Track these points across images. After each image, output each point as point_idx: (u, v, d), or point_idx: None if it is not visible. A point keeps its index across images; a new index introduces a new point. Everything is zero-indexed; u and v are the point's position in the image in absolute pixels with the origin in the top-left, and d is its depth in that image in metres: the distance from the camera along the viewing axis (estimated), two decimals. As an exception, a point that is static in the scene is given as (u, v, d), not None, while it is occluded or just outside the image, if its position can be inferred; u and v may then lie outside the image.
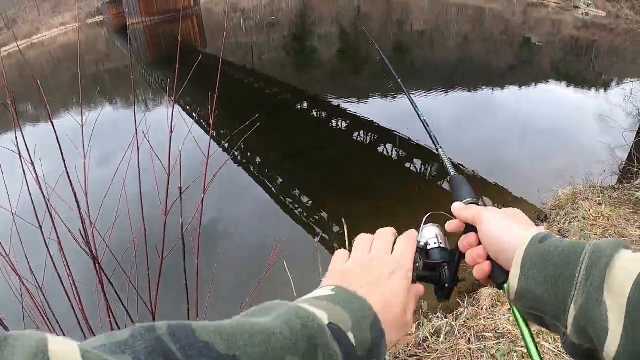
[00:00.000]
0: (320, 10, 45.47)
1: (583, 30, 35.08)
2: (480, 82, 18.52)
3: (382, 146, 11.10)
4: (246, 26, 36.93)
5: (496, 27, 36.24)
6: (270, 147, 10.84)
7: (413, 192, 8.59)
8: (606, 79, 20.34)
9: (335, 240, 6.96)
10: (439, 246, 0.92)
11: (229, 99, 15.12)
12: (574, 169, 7.37)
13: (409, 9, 45.68)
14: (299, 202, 8.58)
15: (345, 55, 25.07)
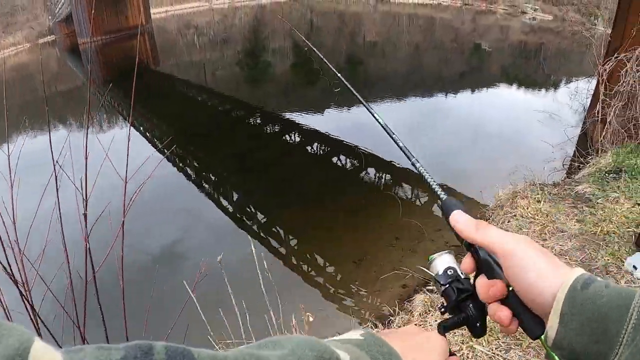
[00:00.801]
0: (273, 25, 45.51)
1: (531, 34, 36.02)
2: (433, 89, 18.49)
3: (336, 157, 11.07)
4: (200, 43, 36.64)
5: (446, 35, 36.68)
6: (224, 164, 10.71)
7: (369, 201, 8.57)
8: (555, 79, 20.81)
9: (293, 254, 6.90)
10: (456, 279, 0.80)
11: (181, 116, 14.93)
12: (522, 169, 7.47)
13: (361, 21, 46.10)
14: (253, 218, 8.47)
15: (299, 68, 25.09)
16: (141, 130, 13.58)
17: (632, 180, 5.01)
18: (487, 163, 9.57)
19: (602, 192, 4.79)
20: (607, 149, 6.29)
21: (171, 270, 6.14)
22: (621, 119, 6.44)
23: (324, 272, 6.01)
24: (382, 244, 6.15)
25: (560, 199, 4.76)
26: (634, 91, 6.37)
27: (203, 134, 12.50)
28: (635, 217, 4.25)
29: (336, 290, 5.55)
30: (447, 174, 8.77)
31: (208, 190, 9.47)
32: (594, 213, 4.41)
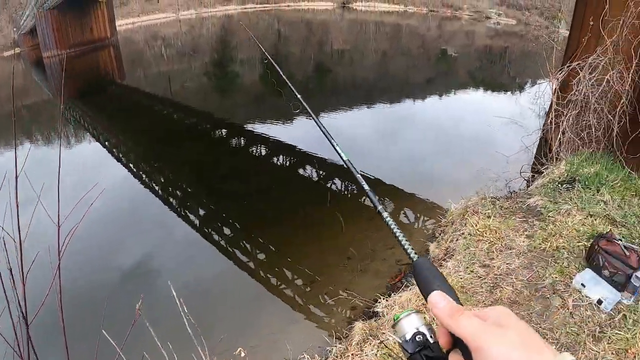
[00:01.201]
0: (240, 35, 45.42)
1: (496, 38, 36.60)
2: (401, 95, 18.59)
3: (303, 169, 10.99)
4: (167, 54, 36.27)
5: (413, 42, 37.01)
6: (189, 179, 10.58)
7: (335, 212, 8.51)
8: (520, 81, 21.09)
9: (261, 267, 6.80)
10: (425, 345, 0.73)
11: (147, 131, 14.66)
12: (480, 179, 7.51)
13: (328, 30, 46.24)
14: (221, 233, 8.35)
15: (268, 78, 24.95)
16: (107, 146, 13.35)
17: (585, 190, 5.03)
18: (449, 172, 9.59)
19: (554, 204, 4.78)
20: (562, 158, 6.33)
21: (127, 295, 5.96)
22: (575, 127, 6.49)
23: (281, 295, 5.90)
24: (335, 262, 6.05)
25: (511, 213, 4.73)
26: (586, 99, 6.42)
27: (168, 149, 12.24)
28: (587, 229, 4.25)
29: (284, 315, 5.42)
30: (409, 183, 8.78)
31: (174, 206, 9.33)
32: (544, 227, 4.38)
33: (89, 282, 6.26)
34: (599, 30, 6.53)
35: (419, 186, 8.64)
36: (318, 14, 57.50)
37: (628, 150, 6.05)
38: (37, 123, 18.24)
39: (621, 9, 6.05)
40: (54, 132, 15.50)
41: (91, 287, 6.16)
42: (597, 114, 6.25)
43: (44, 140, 15.30)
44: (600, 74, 6.28)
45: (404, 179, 9.08)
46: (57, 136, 14.70)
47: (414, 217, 7.56)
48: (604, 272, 3.69)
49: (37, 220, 2.71)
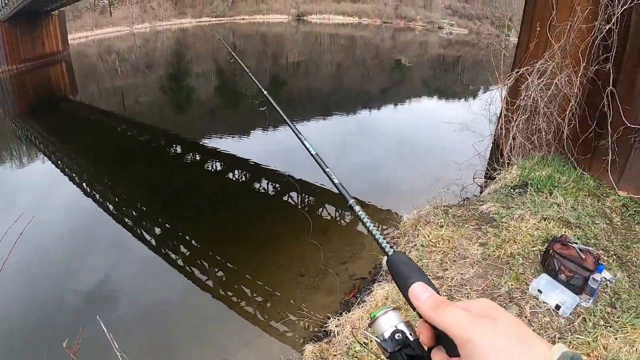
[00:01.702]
0: (195, 48, 45.03)
1: (448, 48, 37.35)
2: (356, 106, 18.71)
3: (259, 183, 10.82)
4: (121, 68, 35.56)
5: (367, 53, 37.35)
6: (143, 197, 10.25)
7: (295, 225, 8.33)
8: (473, 89, 21.49)
9: (220, 286, 6.55)
10: (405, 344, 0.69)
11: (100, 148, 14.20)
12: (433, 188, 7.50)
13: (283, 42, 46.35)
14: (178, 252, 8.06)
15: (223, 91, 24.79)
16: (59, 165, 12.78)
17: (538, 193, 4.99)
18: (404, 180, 9.58)
19: (507, 209, 4.71)
20: (513, 162, 6.32)
21: (69, 324, 5.61)
22: (526, 131, 6.51)
23: (234, 316, 5.66)
24: (288, 280, 5.85)
25: (464, 221, 4.63)
26: (536, 104, 6.45)
27: (121, 167, 11.90)
28: (541, 233, 4.18)
29: (238, 337, 5.17)
30: (365, 193, 8.70)
31: (129, 225, 9.00)
32: (498, 234, 4.29)
33: (26, 309, 5.89)
34: (547, 35, 6.61)
35: (374, 195, 8.57)
36: (273, 27, 57.68)
37: (579, 151, 6.13)
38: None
39: (568, 13, 6.13)
40: (4, 151, 14.87)
41: (31, 314, 5.80)
42: (546, 117, 6.29)
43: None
44: (548, 78, 6.33)
45: (359, 189, 8.99)
46: (7, 155, 14.22)
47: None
48: (561, 276, 3.62)
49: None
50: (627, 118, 5.50)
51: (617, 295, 3.73)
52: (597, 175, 5.92)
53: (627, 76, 5.59)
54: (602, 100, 5.75)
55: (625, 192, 5.66)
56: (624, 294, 3.75)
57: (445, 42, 40.85)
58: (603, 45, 5.73)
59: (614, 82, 5.64)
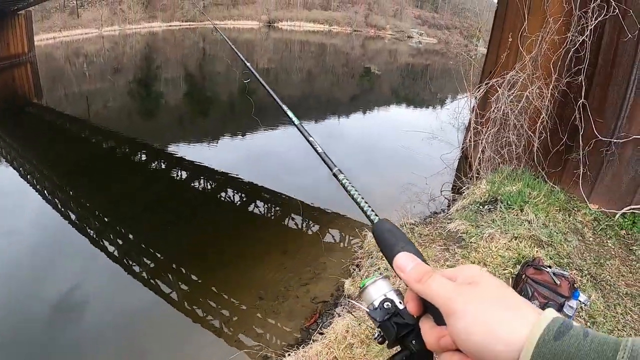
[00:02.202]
0: (165, 53, 44.48)
1: (417, 56, 37.69)
2: (326, 113, 18.67)
3: (225, 193, 10.55)
4: (89, 72, 34.78)
5: (337, 60, 37.44)
6: (106, 207, 9.89)
7: (263, 236, 8.06)
8: (441, 97, 21.62)
9: (185, 299, 6.22)
10: (394, 313, 0.68)
11: (62, 156, 13.71)
12: (399, 202, 7.33)
13: (253, 49, 46.14)
14: (142, 264, 7.73)
15: (193, 97, 24.46)
16: (21, 172, 12.33)
17: (508, 210, 4.77)
18: (371, 191, 9.37)
19: (476, 228, 4.46)
20: (482, 176, 6.10)
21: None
22: (495, 144, 6.32)
23: (191, 339, 5.32)
24: (246, 303, 5.53)
25: (431, 241, 4.37)
26: (506, 116, 6.27)
27: (85, 175, 11.52)
28: (512, 254, 3.94)
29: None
30: (332, 203, 8.50)
31: (92, 236, 8.64)
32: (467, 255, 4.02)
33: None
34: (518, 46, 6.46)
35: (342, 206, 8.37)
36: (244, 33, 57.44)
37: (549, 164, 6.00)
38: None
39: (540, 24, 5.99)
40: None
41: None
42: (517, 130, 6.11)
43: None
44: (519, 90, 6.16)
45: (324, 197, 8.80)
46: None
47: (340, 237, 7.29)
48: (534, 302, 3.38)
49: None
50: (599, 131, 5.39)
51: (592, 318, 3.56)
52: (567, 189, 5.81)
53: (599, 88, 5.49)
54: (573, 113, 5.64)
55: (596, 205, 5.55)
56: (599, 316, 3.58)
57: (415, 51, 41.25)
58: (575, 57, 5.62)
59: (585, 94, 5.54)
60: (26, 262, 7.08)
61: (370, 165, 11.24)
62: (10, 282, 6.52)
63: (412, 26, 55.86)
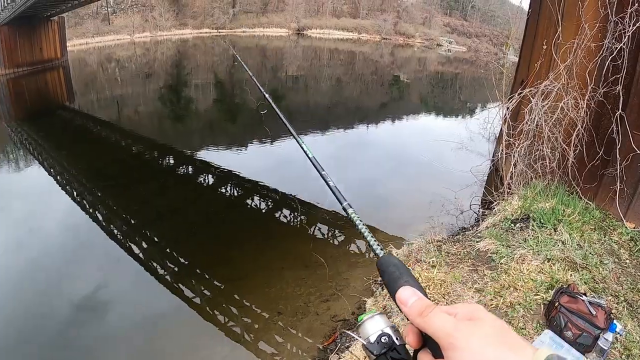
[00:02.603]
0: (196, 59, 44.96)
1: (447, 65, 37.33)
2: (354, 121, 18.52)
3: (251, 200, 10.47)
4: (121, 77, 35.37)
5: (367, 68, 37.37)
6: (133, 210, 9.92)
7: (287, 247, 7.95)
8: (471, 106, 21.35)
9: (207, 305, 6.14)
10: (391, 347, 0.69)
11: (92, 159, 13.88)
12: (427, 216, 7.12)
13: (283, 56, 46.32)
14: (166, 268, 7.72)
15: (222, 104, 24.60)
16: (52, 173, 12.63)
17: (541, 229, 4.51)
18: (397, 202, 9.21)
19: (507, 248, 4.21)
20: (514, 191, 5.83)
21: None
22: (528, 158, 6.03)
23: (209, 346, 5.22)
24: (264, 318, 5.37)
25: (459, 260, 4.13)
26: (540, 128, 5.99)
27: (113, 178, 11.67)
28: (545, 278, 3.68)
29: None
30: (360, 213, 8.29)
31: (118, 238, 8.68)
32: (496, 278, 3.77)
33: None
34: (551, 54, 6.17)
35: (367, 214, 8.19)
36: (273, 41, 57.82)
37: (584, 180, 5.67)
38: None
39: (575, 31, 5.69)
40: (2, 154, 15.12)
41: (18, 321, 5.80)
42: (551, 143, 5.82)
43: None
44: (553, 100, 5.88)
45: (354, 209, 8.60)
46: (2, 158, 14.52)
47: (365, 248, 7.06)
48: (567, 333, 3.14)
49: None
50: (637, 145, 5.07)
51: (627, 350, 3.26)
52: (603, 206, 5.47)
53: (637, 99, 5.16)
54: (610, 125, 5.32)
55: (632, 224, 5.22)
56: (634, 348, 3.27)
57: (444, 59, 40.89)
58: (612, 66, 5.29)
59: (623, 105, 5.20)
60: (53, 261, 7.28)
61: (398, 175, 11.07)
62: (37, 280, 6.71)
63: (442, 34, 55.40)
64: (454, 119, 18.92)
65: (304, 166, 5.81)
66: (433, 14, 64.53)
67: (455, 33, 56.53)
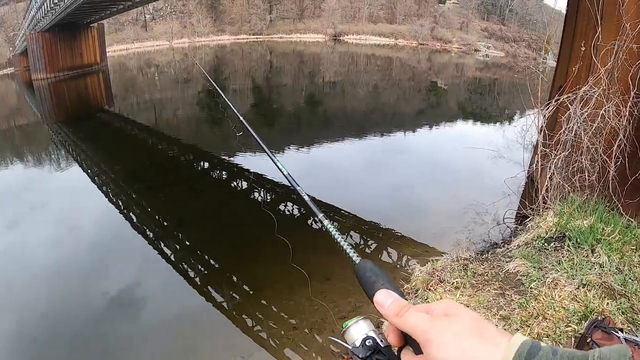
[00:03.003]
0: (233, 65, 45.43)
1: (485, 70, 36.70)
2: (391, 127, 18.43)
3: (284, 206, 10.35)
4: (160, 81, 36.01)
5: (403, 74, 37.12)
6: (167, 212, 10.02)
7: (315, 259, 7.76)
8: (509, 113, 20.85)
9: (234, 309, 6.04)
10: (376, 350, 0.73)
11: (129, 161, 14.07)
12: (460, 220, 6.86)
13: (320, 62, 46.35)
14: (197, 270, 7.72)
15: (259, 108, 24.70)
16: (90, 173, 13.09)
17: (577, 250, 4.12)
18: (428, 210, 8.95)
19: (538, 270, 3.82)
20: (549, 206, 5.41)
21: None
22: (565, 170, 5.61)
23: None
24: (279, 331, 5.17)
25: (485, 282, 3.78)
26: (578, 138, 5.56)
27: (148, 180, 11.97)
28: (578, 307, 3.30)
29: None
30: (387, 218, 8.30)
31: (151, 239, 8.74)
32: (525, 305, 3.39)
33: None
34: (590, 57, 5.74)
35: (397, 222, 8.13)
36: (310, 46, 58.02)
37: (626, 195, 5.19)
38: (28, 144, 18.51)
39: (616, 32, 5.23)
40: (44, 154, 16.15)
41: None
42: (590, 154, 5.38)
43: (34, 162, 15.56)
44: (593, 107, 5.45)
45: (385, 212, 8.70)
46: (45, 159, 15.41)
47: (397, 256, 6.92)
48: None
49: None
50: (686, 157, 4.65)
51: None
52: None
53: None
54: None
55: (678, 244, 4.77)
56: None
57: (482, 64, 40.23)
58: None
59: (670, 113, 4.79)
60: (87, 258, 7.57)
61: (433, 182, 10.88)
62: (71, 275, 7.01)
63: (479, 39, 54.50)
64: (492, 126, 18.50)
65: (339, 172, 5.66)
66: (470, 18, 63.60)
67: (492, 38, 55.48)
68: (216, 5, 63.41)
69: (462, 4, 68.31)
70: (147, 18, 58.34)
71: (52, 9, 28.00)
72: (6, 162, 15.49)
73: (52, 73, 31.77)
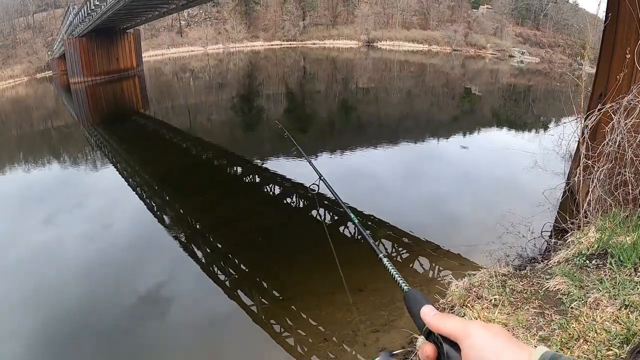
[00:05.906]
0: (267, 71, 45.71)
1: (519, 77, 36.14)
2: (425, 134, 18.39)
3: (316, 211, 10.29)
4: (195, 86, 36.49)
5: (437, 80, 36.78)
6: (199, 215, 10.17)
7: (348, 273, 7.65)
8: (545, 120, 20.42)
9: (263, 313, 6.02)
10: None
11: (163, 164, 14.29)
12: (495, 232, 6.66)
13: (353, 68, 46.28)
14: (227, 274, 7.73)
15: (293, 114, 24.77)
16: (124, 175, 13.42)
17: (620, 268, 3.93)
18: (464, 220, 8.79)
19: (580, 289, 3.65)
20: (591, 221, 5.20)
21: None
22: (608, 184, 5.40)
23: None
24: (309, 345, 5.09)
25: (524, 300, 3.63)
26: (622, 149, 5.34)
27: (181, 182, 12.26)
28: (621, 329, 3.13)
29: None
30: (421, 227, 8.27)
31: (182, 241, 8.85)
32: (565, 326, 3.23)
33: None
34: (634, 64, 5.53)
35: (433, 231, 8.10)
36: (343, 52, 58.01)
37: (672, 209, 4.98)
38: (65, 145, 19.17)
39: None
40: (81, 155, 16.74)
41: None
42: (634, 167, 5.16)
43: (70, 162, 16.04)
44: (637, 117, 5.24)
45: (419, 221, 8.70)
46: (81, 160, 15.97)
47: (429, 267, 6.85)
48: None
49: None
50: None
51: None
52: (694, 240, 4.78)
53: None
54: None
55: None
56: None
57: (517, 70, 39.58)
58: None
59: None
60: (120, 256, 7.85)
61: (467, 191, 10.72)
62: (104, 273, 7.24)
63: (513, 45, 53.63)
64: (527, 134, 18.13)
65: (374, 180, 5.54)
66: (504, 23, 62.61)
67: (527, 43, 54.50)
68: (250, 12, 64.04)
69: (496, 9, 67.30)
70: (182, 24, 59.38)
71: (89, 15, 28.69)
72: (45, 161, 16.01)
73: (89, 77, 32.57)
